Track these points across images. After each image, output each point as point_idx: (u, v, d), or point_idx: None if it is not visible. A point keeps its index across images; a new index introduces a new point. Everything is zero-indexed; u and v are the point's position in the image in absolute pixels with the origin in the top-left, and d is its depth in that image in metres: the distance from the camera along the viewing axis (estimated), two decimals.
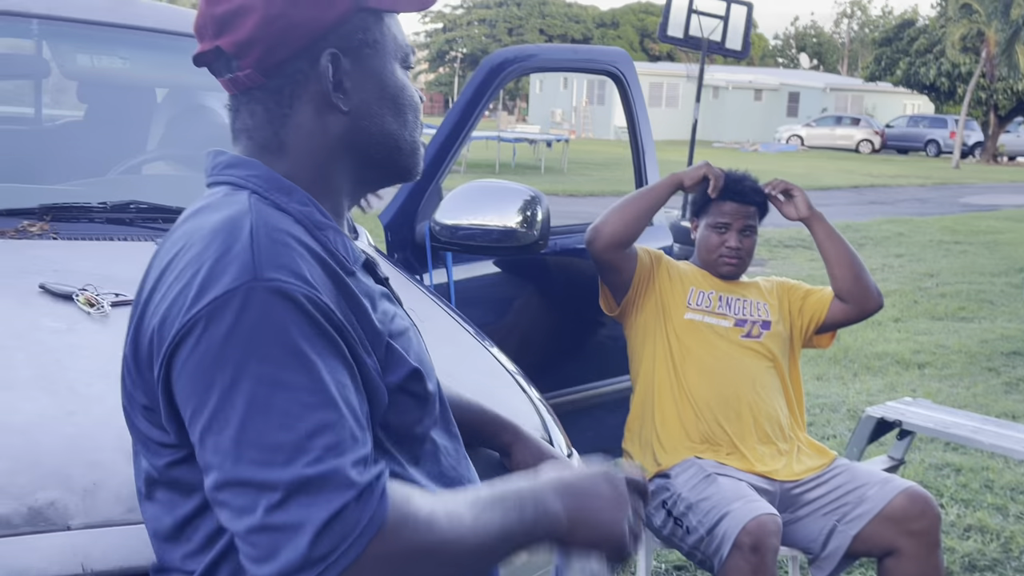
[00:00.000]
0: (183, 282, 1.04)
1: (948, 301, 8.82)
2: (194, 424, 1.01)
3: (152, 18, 2.78)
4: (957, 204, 19.12)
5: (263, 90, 1.16)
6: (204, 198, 1.17)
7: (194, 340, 1.00)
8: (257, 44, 1.13)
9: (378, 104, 1.19)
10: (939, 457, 4.70)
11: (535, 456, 1.51)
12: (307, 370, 0.99)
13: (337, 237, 1.15)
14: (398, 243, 2.91)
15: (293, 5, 1.13)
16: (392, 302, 1.24)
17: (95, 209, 2.21)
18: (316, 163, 1.18)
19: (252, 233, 1.05)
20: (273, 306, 1.00)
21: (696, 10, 11.00)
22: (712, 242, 2.91)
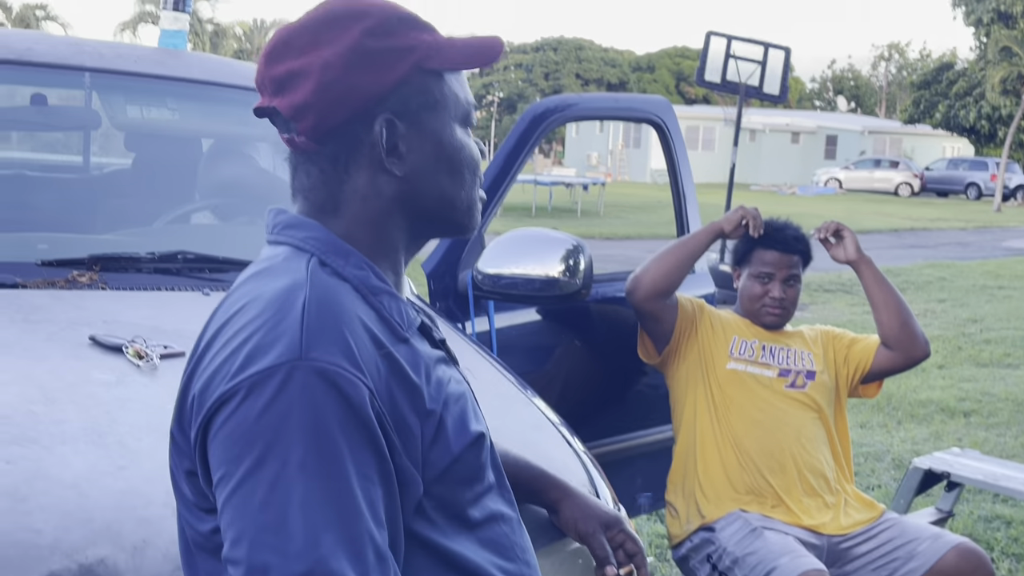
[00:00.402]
0: (230, 349, 1.05)
1: (993, 347, 8.68)
2: (219, 490, 1.02)
3: (200, 69, 2.83)
4: (999, 248, 18.89)
5: (322, 152, 1.16)
6: (265, 259, 1.18)
7: (231, 409, 1.01)
8: (312, 109, 1.13)
9: (434, 165, 1.19)
10: (988, 509, 4.59)
11: (584, 513, 1.49)
12: (335, 461, 1.00)
13: (392, 302, 1.15)
14: (441, 292, 2.92)
15: (350, 70, 1.13)
16: (449, 364, 1.23)
17: (143, 259, 2.23)
18: (372, 224, 1.18)
19: (305, 308, 1.05)
20: (313, 389, 1.00)
21: (733, 55, 11.04)
22: (755, 292, 2.88)
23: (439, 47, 1.18)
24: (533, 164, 33.71)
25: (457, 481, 1.15)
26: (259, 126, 3.05)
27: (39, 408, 1.49)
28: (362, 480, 1.01)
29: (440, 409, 1.13)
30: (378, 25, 1.15)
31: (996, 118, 34.88)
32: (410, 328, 1.16)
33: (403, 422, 1.08)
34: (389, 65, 1.14)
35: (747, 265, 2.92)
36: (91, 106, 2.88)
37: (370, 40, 1.14)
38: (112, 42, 2.89)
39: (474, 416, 1.20)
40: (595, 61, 65.63)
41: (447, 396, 1.15)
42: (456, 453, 1.13)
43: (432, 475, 1.11)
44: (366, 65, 1.13)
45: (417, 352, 1.15)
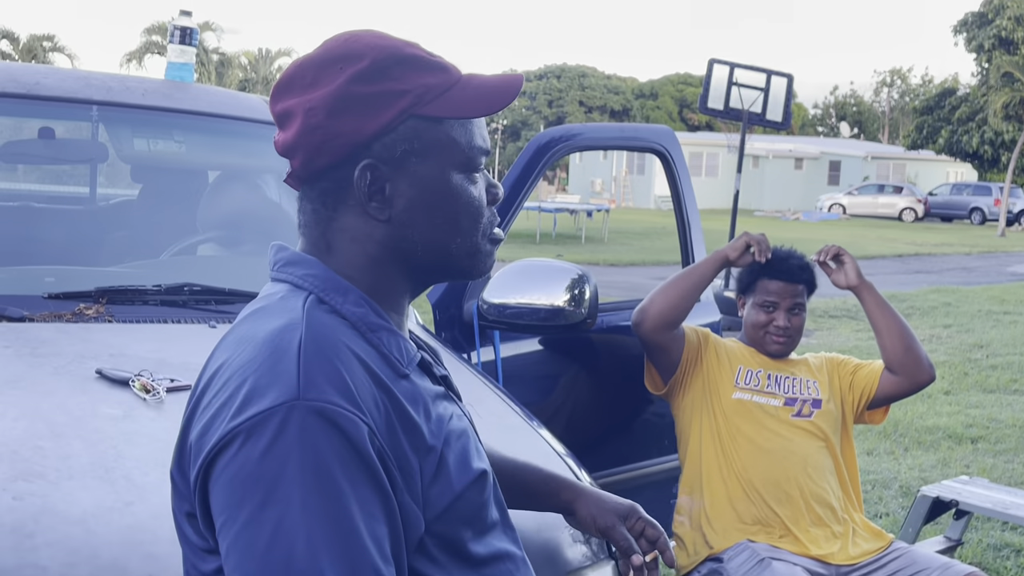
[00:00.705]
0: (228, 392, 1.05)
1: (1000, 373, 8.65)
2: (223, 536, 1.02)
3: (206, 102, 2.85)
4: (1004, 273, 18.86)
5: (313, 190, 1.17)
6: (264, 296, 1.18)
7: (231, 453, 1.01)
8: (300, 150, 1.14)
9: (424, 212, 1.16)
10: (997, 537, 4.56)
11: (600, 508, 1.47)
12: (338, 500, 0.99)
13: (391, 339, 1.15)
14: (446, 321, 2.92)
15: (333, 115, 1.12)
16: (450, 401, 1.22)
17: (149, 292, 2.24)
18: (364, 266, 1.17)
19: (300, 347, 1.05)
20: (312, 429, 1.00)
21: (736, 82, 11.09)
22: (760, 320, 2.87)
23: (442, 91, 1.16)
24: (537, 191, 33.79)
25: (459, 519, 1.14)
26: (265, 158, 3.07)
27: (46, 443, 1.49)
28: (366, 518, 1.01)
29: (441, 446, 1.12)
30: (370, 69, 1.13)
31: (999, 143, 34.96)
32: (410, 364, 1.15)
33: (404, 459, 1.07)
34: (374, 111, 1.13)
35: (751, 294, 2.91)
36: (98, 139, 2.90)
37: (356, 86, 1.13)
38: (120, 75, 2.91)
39: (476, 453, 1.19)
40: (598, 88, 65.92)
41: (448, 433, 1.15)
42: (458, 490, 1.13)
43: (434, 513, 1.10)
44: (349, 110, 1.12)
45: (417, 388, 1.14)
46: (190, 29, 3.02)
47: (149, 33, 37.88)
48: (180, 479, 1.11)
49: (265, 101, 3.00)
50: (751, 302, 2.91)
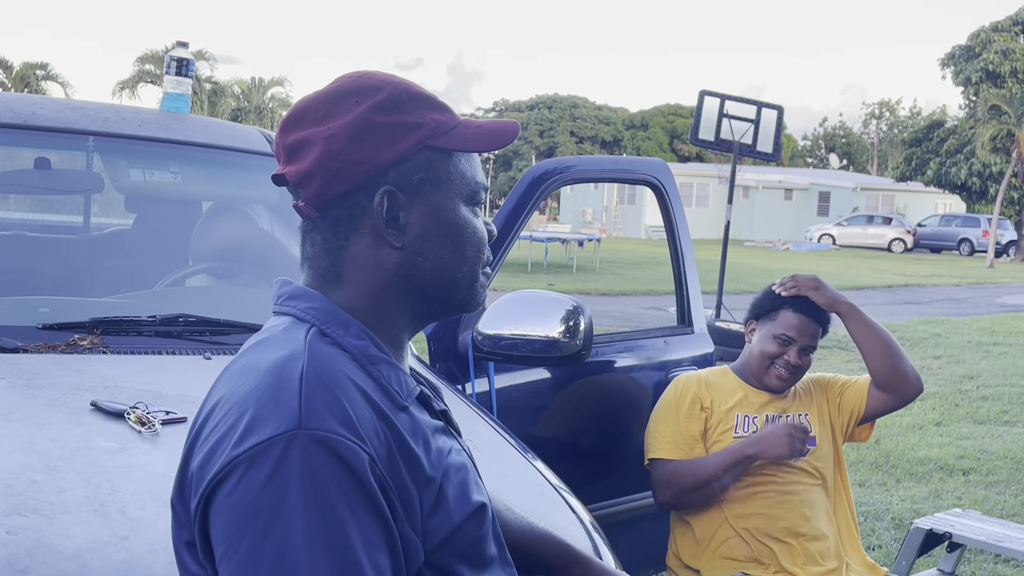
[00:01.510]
0: (230, 422, 1.06)
1: (990, 404, 8.66)
2: (223, 565, 1.02)
3: (202, 133, 2.85)
4: (994, 304, 18.94)
5: (324, 220, 1.18)
6: (267, 328, 1.20)
7: (233, 483, 1.01)
8: (316, 177, 1.15)
9: (435, 240, 1.19)
10: (991, 570, 4.55)
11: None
12: (339, 529, 1.00)
13: (391, 372, 1.16)
14: (441, 353, 2.92)
15: (354, 142, 1.15)
16: (449, 435, 1.23)
17: (144, 322, 2.23)
18: (372, 295, 1.18)
19: (303, 377, 1.06)
20: (313, 458, 1.01)
21: (727, 114, 11.17)
22: (771, 352, 2.77)
23: (450, 127, 1.20)
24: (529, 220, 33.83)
25: (458, 551, 1.14)
26: (260, 189, 3.07)
27: (40, 476, 1.48)
28: (368, 547, 1.01)
29: (440, 478, 1.13)
30: (387, 101, 1.17)
31: (987, 175, 35.23)
32: (409, 397, 1.16)
33: (405, 489, 1.08)
34: (393, 139, 1.16)
35: (768, 322, 2.81)
36: (94, 169, 2.90)
37: (376, 115, 1.16)
38: (116, 105, 2.91)
39: (476, 487, 1.20)
40: (589, 119, 66.29)
41: (448, 466, 1.15)
42: (457, 523, 1.13)
43: (432, 544, 1.11)
44: (369, 138, 1.16)
45: (416, 421, 1.15)
46: (186, 60, 3.03)
47: (143, 62, 37.96)
48: (181, 508, 1.11)
49: (261, 132, 3.01)
50: (765, 331, 2.81)
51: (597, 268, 22.74)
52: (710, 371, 2.96)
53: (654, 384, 3.33)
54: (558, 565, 1.52)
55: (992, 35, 36.25)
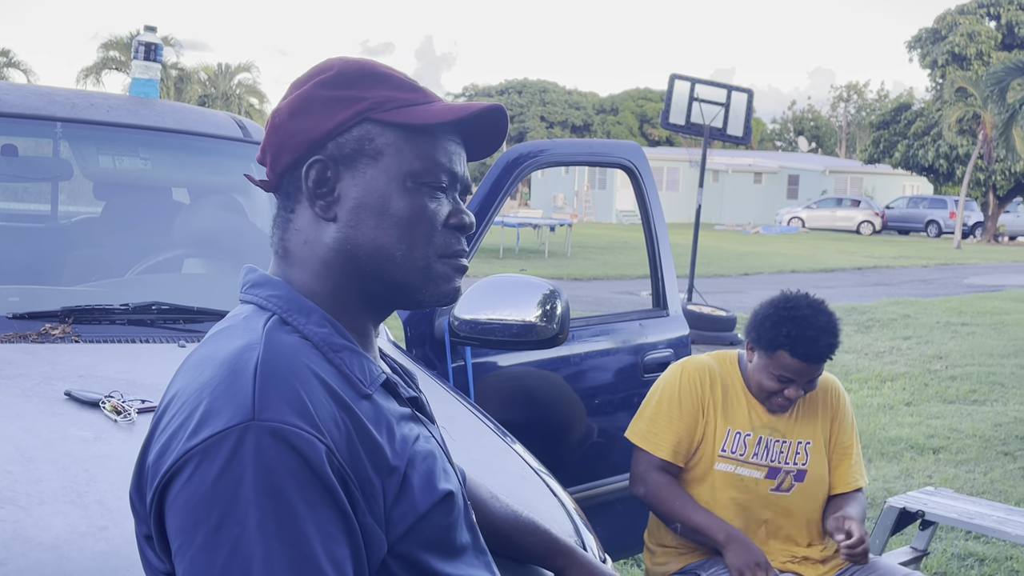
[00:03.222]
0: (185, 414, 1.05)
1: (959, 384, 8.77)
2: (178, 559, 1.01)
3: (172, 119, 2.82)
4: (961, 285, 19.15)
5: (279, 194, 1.21)
6: (229, 317, 1.19)
7: (186, 476, 1.00)
8: (267, 152, 1.20)
9: (369, 215, 1.16)
10: (962, 547, 4.61)
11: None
12: (294, 522, 0.99)
13: (354, 359, 1.14)
14: (417, 338, 2.91)
15: (294, 116, 1.18)
16: (417, 422, 1.21)
17: (117, 311, 2.20)
18: (320, 273, 1.17)
19: (257, 368, 1.05)
20: (267, 450, 0.99)
21: (697, 98, 11.20)
22: (769, 387, 2.62)
23: (404, 104, 1.18)
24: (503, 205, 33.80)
25: (424, 540, 1.13)
26: (232, 175, 3.04)
27: (15, 467, 1.46)
28: (325, 539, 1.00)
29: (404, 466, 1.12)
30: (334, 77, 1.19)
31: (954, 157, 35.55)
32: (372, 385, 1.15)
33: (366, 479, 1.07)
34: (330, 112, 1.17)
35: (766, 357, 2.61)
36: (62, 156, 2.85)
37: (320, 90, 1.18)
38: (84, 91, 2.87)
39: (443, 474, 1.18)
40: (559, 104, 66.22)
41: (413, 454, 1.14)
42: (422, 511, 1.12)
43: (397, 534, 1.10)
44: (308, 111, 1.17)
45: (380, 409, 1.14)
46: (154, 45, 2.99)
47: (107, 48, 37.47)
48: (139, 502, 1.11)
49: (233, 117, 2.98)
50: (764, 364, 2.62)
51: (569, 253, 22.76)
52: (721, 362, 2.76)
53: (630, 366, 3.34)
54: (542, 555, 1.52)
55: (958, 18, 36.54)
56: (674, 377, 2.72)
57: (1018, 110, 18.62)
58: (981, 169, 33.72)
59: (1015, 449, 6.61)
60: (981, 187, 35.40)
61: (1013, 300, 15.97)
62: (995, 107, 20.45)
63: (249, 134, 2.86)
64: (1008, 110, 19.32)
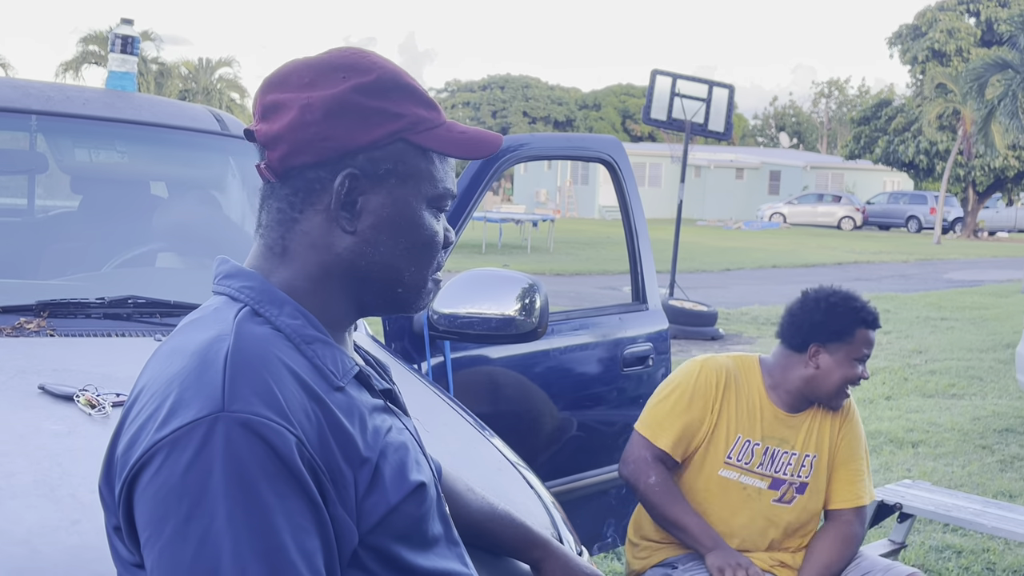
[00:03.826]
0: (154, 405, 1.04)
1: (938, 378, 8.83)
2: (147, 551, 1.01)
3: (149, 112, 2.80)
4: (941, 280, 19.27)
5: (283, 187, 1.16)
6: (201, 309, 1.18)
7: (155, 468, 1.00)
8: (284, 142, 1.14)
9: (389, 233, 1.17)
10: (939, 539, 4.65)
11: (565, 573, 1.50)
12: (264, 513, 0.98)
13: (326, 351, 1.14)
14: (396, 332, 2.90)
15: (329, 117, 1.13)
16: (390, 414, 1.21)
17: (92, 305, 2.19)
18: (316, 276, 1.16)
19: (228, 359, 1.05)
20: (237, 442, 0.99)
21: (679, 93, 11.22)
22: (854, 375, 2.61)
23: (431, 125, 1.18)
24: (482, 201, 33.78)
25: (395, 532, 1.13)
26: (210, 168, 3.03)
27: None
28: (295, 531, 1.00)
29: (376, 458, 1.11)
30: (373, 84, 1.15)
31: (934, 153, 35.75)
32: (345, 377, 1.14)
33: (337, 471, 1.07)
34: (369, 124, 1.14)
35: (843, 345, 2.59)
36: (38, 149, 2.83)
37: (358, 96, 1.14)
38: (59, 84, 2.85)
39: (415, 466, 1.18)
40: (542, 99, 66.20)
41: (385, 445, 1.14)
42: (394, 503, 1.12)
43: (368, 525, 1.10)
44: (346, 117, 1.13)
45: (353, 400, 1.14)
46: (131, 38, 2.97)
47: (86, 42, 37.21)
48: (108, 494, 1.10)
49: (211, 111, 2.96)
50: (842, 355, 2.60)
51: (551, 249, 22.77)
52: (737, 361, 2.73)
53: (609, 360, 3.34)
54: (518, 547, 1.52)
55: (938, 14, 36.73)
56: (691, 373, 2.69)
57: (997, 106, 18.75)
58: (961, 165, 33.93)
59: (993, 442, 6.66)
60: (961, 183, 35.63)
61: (992, 295, 16.09)
62: (974, 103, 20.59)
63: (227, 127, 2.84)
64: (987, 106, 19.45)
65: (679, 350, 9.90)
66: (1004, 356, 9.97)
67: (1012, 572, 4.28)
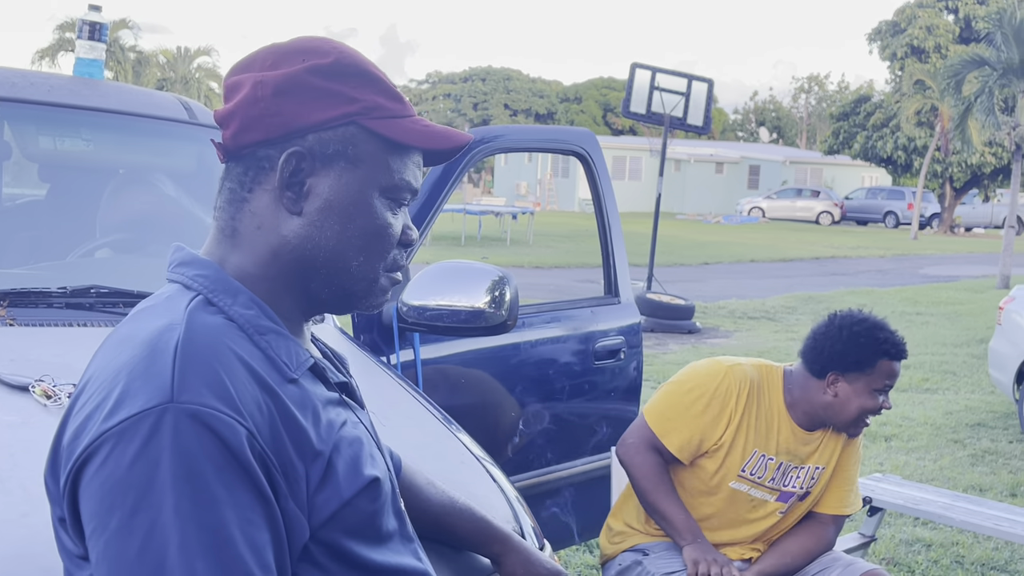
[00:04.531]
0: (102, 395, 1.02)
1: (912, 372, 8.88)
2: (92, 544, 0.99)
3: (117, 100, 2.76)
4: (917, 275, 19.40)
5: (237, 167, 1.16)
6: (153, 297, 1.17)
7: (101, 459, 0.98)
8: (235, 119, 1.13)
9: (336, 218, 1.14)
10: (909, 532, 4.68)
11: (525, 568, 1.49)
12: (212, 506, 0.97)
13: (280, 342, 1.12)
14: (364, 324, 2.88)
15: (279, 95, 1.12)
16: (345, 407, 1.20)
17: (54, 294, 2.16)
18: (265, 260, 1.15)
19: (178, 348, 1.03)
20: (185, 433, 0.97)
21: (658, 87, 11.23)
22: (873, 406, 2.54)
23: (391, 115, 1.17)
24: (463, 193, 33.77)
25: (347, 527, 1.11)
26: (177, 157, 2.99)
27: None
28: (244, 525, 0.98)
29: (329, 451, 1.10)
30: (330, 67, 1.14)
31: (912, 149, 35.94)
32: (298, 369, 1.13)
33: (289, 464, 1.05)
34: (320, 104, 1.13)
35: (862, 376, 2.53)
36: (3, 138, 2.79)
37: (313, 76, 1.14)
38: (24, 70, 2.81)
39: (370, 460, 1.16)
40: (523, 92, 66.14)
41: (339, 439, 1.12)
42: (347, 497, 1.10)
43: (319, 519, 1.08)
44: (297, 95, 1.13)
45: (306, 393, 1.12)
46: (100, 24, 2.93)
47: (63, 30, 36.84)
48: (53, 485, 1.08)
49: (180, 100, 2.93)
50: (862, 385, 2.54)
51: (531, 241, 22.77)
52: (761, 371, 2.67)
53: (580, 353, 3.34)
54: (477, 542, 1.51)
55: (917, 11, 36.88)
56: (714, 378, 2.63)
57: (974, 103, 18.85)
58: (938, 161, 34.12)
59: (964, 437, 6.71)
60: (938, 179, 35.82)
61: (967, 290, 16.21)
62: (952, 99, 20.68)
63: (195, 116, 2.81)
64: (964, 102, 19.55)
65: (656, 343, 9.92)
66: (978, 351, 10.04)
67: (980, 565, 4.32)
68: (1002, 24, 17.77)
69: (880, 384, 2.53)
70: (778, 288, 15.86)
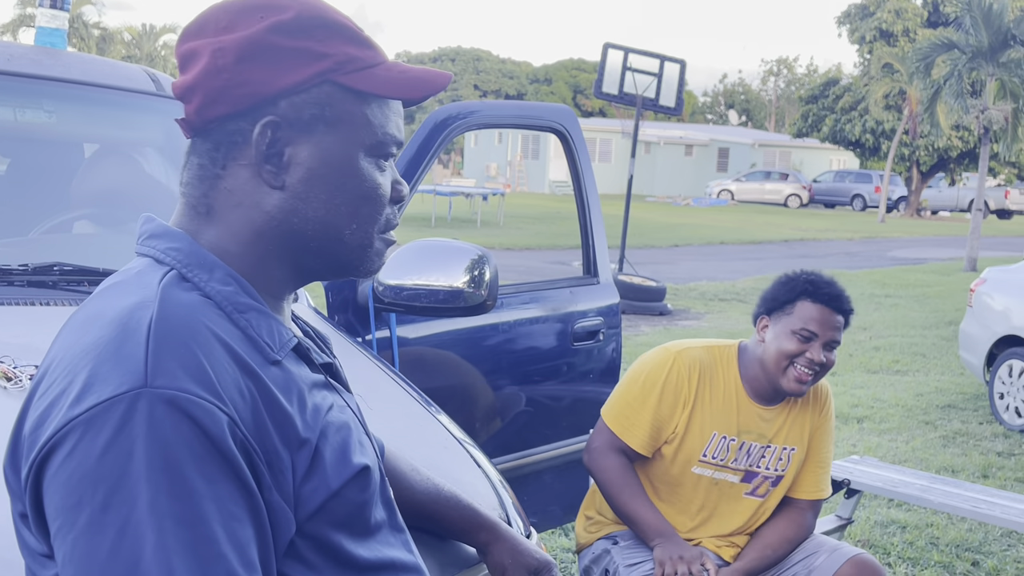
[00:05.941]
0: (67, 380, 0.93)
1: (882, 355, 8.92)
2: (58, 542, 0.90)
3: (80, 70, 2.66)
4: (885, 258, 19.54)
5: (204, 142, 1.06)
6: (122, 272, 1.07)
7: (67, 450, 0.89)
8: (198, 93, 1.04)
9: (322, 187, 1.06)
10: (884, 514, 4.67)
11: (514, 560, 1.43)
12: (191, 500, 0.88)
13: (261, 321, 1.04)
14: (339, 304, 2.81)
15: (242, 61, 1.03)
16: (331, 391, 1.12)
17: (15, 272, 2.06)
18: (247, 239, 1.06)
19: (151, 328, 0.94)
20: (161, 421, 0.89)
21: (631, 67, 11.18)
22: (789, 349, 2.46)
23: (365, 65, 1.07)
24: (432, 174, 33.59)
25: (335, 519, 1.03)
26: (144, 130, 2.89)
27: None
28: (226, 519, 0.90)
29: (316, 438, 1.02)
30: (292, 22, 1.04)
31: (880, 132, 36.17)
32: (282, 349, 1.05)
33: (273, 453, 0.97)
34: (289, 66, 1.04)
35: (783, 316, 2.50)
36: None
37: (276, 36, 1.04)
38: None
39: (359, 447, 1.09)
40: (493, 72, 65.88)
41: (326, 425, 1.05)
42: (335, 488, 1.03)
43: (306, 512, 1.00)
44: (262, 59, 1.03)
45: (290, 375, 1.04)
46: None
47: (23, 5, 36.20)
48: (13, 477, 0.99)
49: (146, 71, 2.83)
50: (781, 326, 2.50)
51: (501, 223, 22.70)
52: (713, 352, 2.62)
53: (560, 334, 3.28)
54: (464, 530, 1.45)
55: None
56: (662, 366, 2.58)
57: (943, 86, 18.96)
58: (906, 144, 34.38)
59: (936, 418, 6.74)
60: (905, 162, 36.10)
61: (934, 273, 16.35)
62: (920, 83, 20.81)
63: (162, 87, 2.71)
64: (933, 86, 19.66)
65: (628, 325, 9.89)
66: (947, 333, 10.11)
67: (955, 547, 4.32)
68: (971, 8, 17.88)
69: (798, 326, 2.46)
70: (748, 270, 15.91)
